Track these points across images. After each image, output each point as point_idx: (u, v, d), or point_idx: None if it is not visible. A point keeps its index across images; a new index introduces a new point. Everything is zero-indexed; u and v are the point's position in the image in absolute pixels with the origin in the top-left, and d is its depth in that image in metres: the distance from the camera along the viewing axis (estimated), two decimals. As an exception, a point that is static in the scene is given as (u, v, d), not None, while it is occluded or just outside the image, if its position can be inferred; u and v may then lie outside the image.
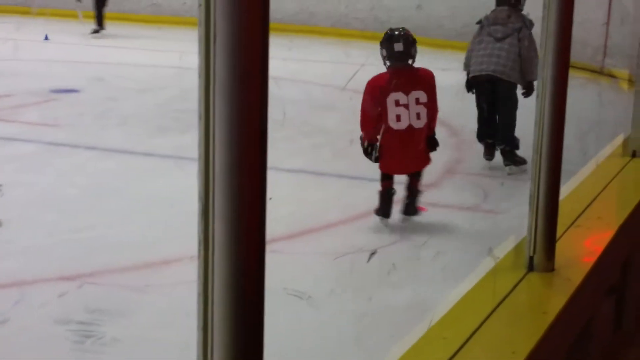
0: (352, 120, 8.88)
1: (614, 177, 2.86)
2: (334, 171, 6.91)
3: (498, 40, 6.96)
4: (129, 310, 4.24)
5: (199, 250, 0.97)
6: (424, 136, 5.49)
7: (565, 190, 2.53)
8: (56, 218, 5.55)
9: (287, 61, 12.85)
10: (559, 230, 2.25)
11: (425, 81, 5.56)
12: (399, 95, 5.46)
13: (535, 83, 6.31)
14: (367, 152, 5.57)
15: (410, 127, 5.44)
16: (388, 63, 5.65)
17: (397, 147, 5.46)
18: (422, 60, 12.67)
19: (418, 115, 5.45)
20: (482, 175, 6.84)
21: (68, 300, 4.31)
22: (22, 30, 15.42)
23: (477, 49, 7.15)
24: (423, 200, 5.67)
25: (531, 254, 2.12)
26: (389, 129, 5.45)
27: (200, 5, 0.90)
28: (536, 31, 6.70)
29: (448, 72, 11.89)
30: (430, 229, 5.53)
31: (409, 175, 5.61)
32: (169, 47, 13.78)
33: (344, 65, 12.75)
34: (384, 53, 5.67)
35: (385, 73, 5.62)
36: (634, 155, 3.08)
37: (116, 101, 9.52)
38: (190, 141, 6.50)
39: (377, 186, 5.69)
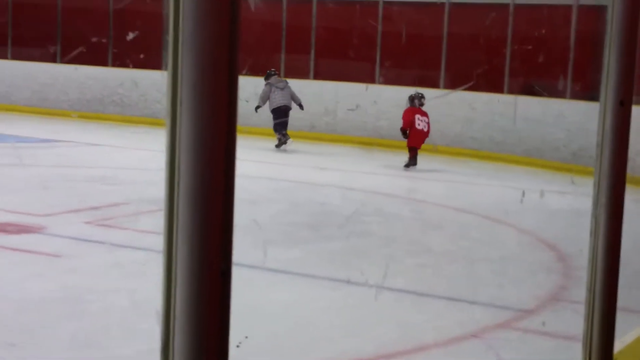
0: (460, 240, 8.87)
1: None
2: (434, 292, 6.83)
3: (282, 89, 15.69)
4: None
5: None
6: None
7: (635, 334, 2.44)
8: (153, 327, 5.64)
9: (401, 179, 12.95)
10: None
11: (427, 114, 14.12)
12: (421, 117, 13.91)
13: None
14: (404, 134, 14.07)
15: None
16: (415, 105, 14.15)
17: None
18: (537, 180, 12.54)
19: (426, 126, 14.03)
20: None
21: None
22: (144, 140, 16.10)
23: (273, 96, 15.64)
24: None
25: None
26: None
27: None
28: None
29: (564, 196, 11.76)
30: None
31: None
32: (283, 160, 14.09)
33: (458, 184, 12.79)
34: (416, 103, 14.13)
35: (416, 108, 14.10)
36: None
37: (227, 212, 9.74)
38: (296, 255, 6.63)
39: (478, 308, 6.06)
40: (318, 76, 17.82)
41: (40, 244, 7.70)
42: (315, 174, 12.92)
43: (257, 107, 15.90)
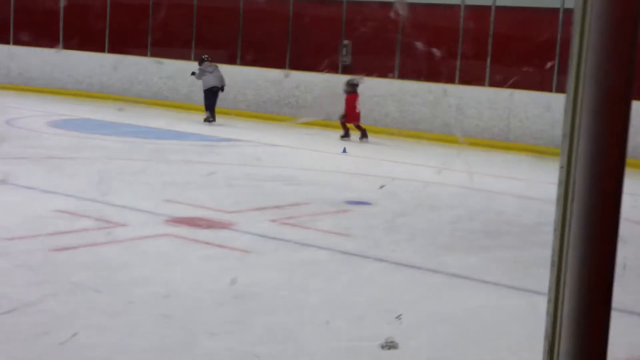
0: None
1: None
2: (621, 307, 6.67)
3: (212, 72, 18.69)
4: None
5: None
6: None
7: None
8: (344, 325, 5.80)
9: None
10: None
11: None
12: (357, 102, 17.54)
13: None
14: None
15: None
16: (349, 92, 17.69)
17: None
18: None
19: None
20: None
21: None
22: (319, 142, 16.39)
23: (207, 76, 18.65)
24: None
25: None
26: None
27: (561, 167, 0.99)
28: None
29: None
30: None
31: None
32: (457, 166, 14.02)
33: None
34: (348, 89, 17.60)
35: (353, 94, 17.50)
36: None
37: (406, 216, 9.82)
38: (476, 262, 6.57)
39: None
40: (493, 83, 17.66)
41: (230, 239, 8.03)
42: (491, 181, 12.83)
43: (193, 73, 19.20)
